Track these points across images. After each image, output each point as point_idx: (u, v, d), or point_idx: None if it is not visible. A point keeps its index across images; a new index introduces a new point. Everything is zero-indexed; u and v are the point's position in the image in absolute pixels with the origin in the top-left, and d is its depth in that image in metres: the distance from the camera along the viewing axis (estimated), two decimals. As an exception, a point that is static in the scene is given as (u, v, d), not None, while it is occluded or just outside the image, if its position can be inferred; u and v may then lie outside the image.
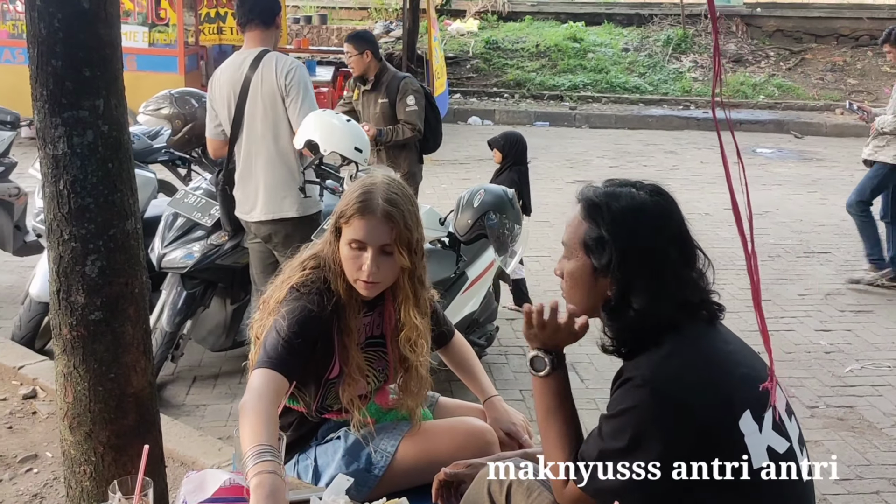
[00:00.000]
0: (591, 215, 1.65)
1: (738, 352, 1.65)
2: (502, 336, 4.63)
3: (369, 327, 2.18)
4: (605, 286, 1.64)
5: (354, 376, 2.06)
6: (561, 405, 1.73)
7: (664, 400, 1.50)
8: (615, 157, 10.42)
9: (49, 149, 1.60)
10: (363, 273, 1.99)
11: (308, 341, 1.94)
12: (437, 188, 8.22)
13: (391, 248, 1.99)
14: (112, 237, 1.66)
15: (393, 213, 1.98)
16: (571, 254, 1.68)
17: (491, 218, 3.71)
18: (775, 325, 5.10)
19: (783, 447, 1.57)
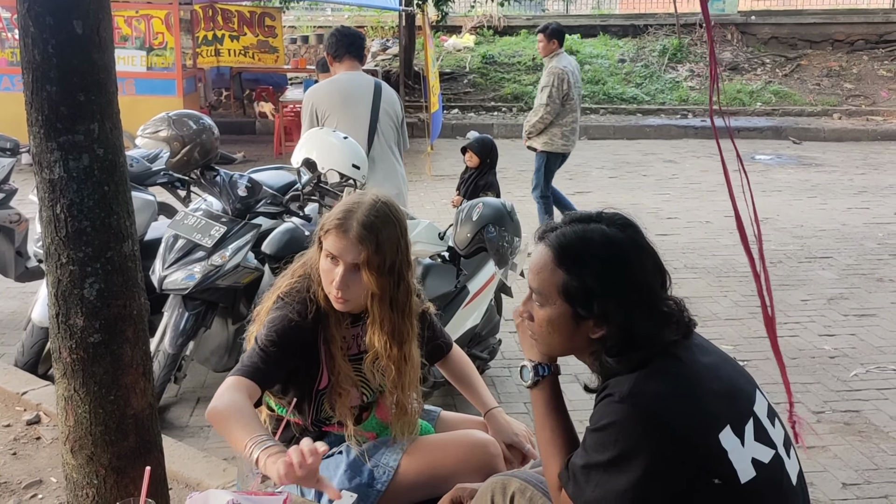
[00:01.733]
0: (567, 263, 1.59)
1: (717, 365, 1.64)
2: (505, 349, 4.63)
3: (360, 339, 2.18)
4: (586, 329, 1.60)
5: (344, 385, 2.07)
6: (549, 414, 1.73)
7: (643, 416, 1.49)
8: (614, 167, 10.44)
9: (45, 173, 1.61)
10: (333, 287, 2.01)
11: (285, 350, 1.96)
12: (436, 203, 8.24)
13: (360, 268, 2.00)
14: (109, 259, 1.66)
15: (365, 237, 1.97)
16: (546, 300, 1.62)
17: (490, 231, 3.71)
18: (779, 331, 5.05)
19: (768, 456, 1.56)
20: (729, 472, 1.49)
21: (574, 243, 1.61)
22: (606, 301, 1.56)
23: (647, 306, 1.59)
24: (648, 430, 1.48)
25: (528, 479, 1.79)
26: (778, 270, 6.32)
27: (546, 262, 1.62)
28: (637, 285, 1.59)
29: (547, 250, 1.63)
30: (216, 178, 4.03)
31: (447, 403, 3.92)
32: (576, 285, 1.58)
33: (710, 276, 6.12)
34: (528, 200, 8.13)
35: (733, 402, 1.57)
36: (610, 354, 1.58)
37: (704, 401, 1.54)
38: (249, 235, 3.94)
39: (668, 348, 1.58)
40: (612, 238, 1.62)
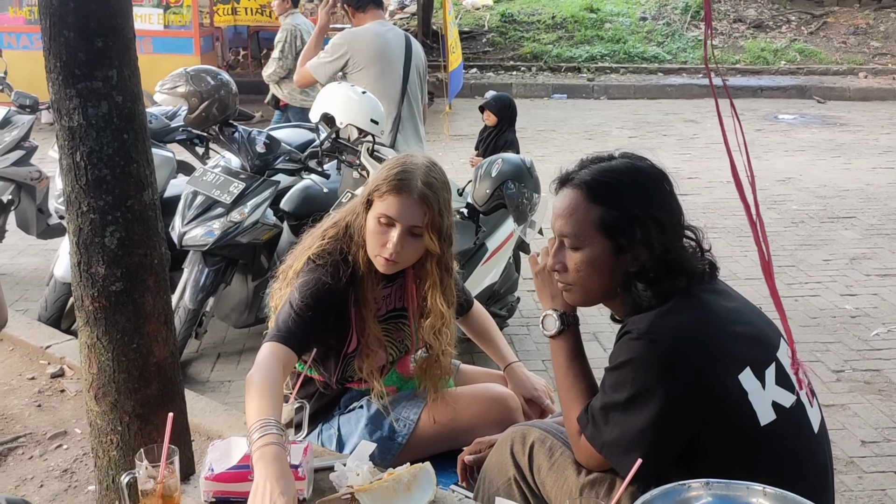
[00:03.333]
0: (602, 196, 1.60)
1: (740, 310, 1.63)
2: (523, 307, 4.62)
3: (389, 300, 2.18)
4: (625, 262, 1.61)
5: (372, 347, 2.06)
6: (572, 362, 1.73)
7: (660, 351, 1.49)
8: (634, 127, 10.33)
9: (65, 121, 1.60)
10: (386, 250, 1.98)
11: (320, 314, 1.95)
12: (454, 163, 8.19)
13: (420, 231, 1.98)
14: (130, 208, 1.66)
15: (429, 197, 1.96)
16: (583, 242, 1.61)
17: (510, 187, 3.69)
18: (800, 291, 5.05)
19: (790, 401, 1.55)
20: (748, 414, 1.49)
21: (603, 177, 1.62)
22: (648, 225, 1.56)
23: (677, 231, 1.60)
24: (665, 367, 1.48)
25: (548, 428, 1.80)
26: (800, 230, 6.26)
27: (578, 203, 1.61)
28: (669, 209, 1.60)
29: (575, 191, 1.62)
30: (234, 135, 4.02)
31: (465, 361, 3.93)
32: (616, 214, 1.58)
33: (731, 236, 6.07)
34: (546, 159, 8.09)
35: (755, 346, 1.56)
36: (643, 280, 1.57)
37: (724, 341, 1.53)
38: (268, 192, 3.94)
39: (690, 286, 1.57)
40: (636, 166, 1.64)
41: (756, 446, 1.49)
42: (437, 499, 1.72)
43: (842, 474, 3.07)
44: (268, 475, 1.52)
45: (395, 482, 1.69)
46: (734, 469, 1.41)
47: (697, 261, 1.62)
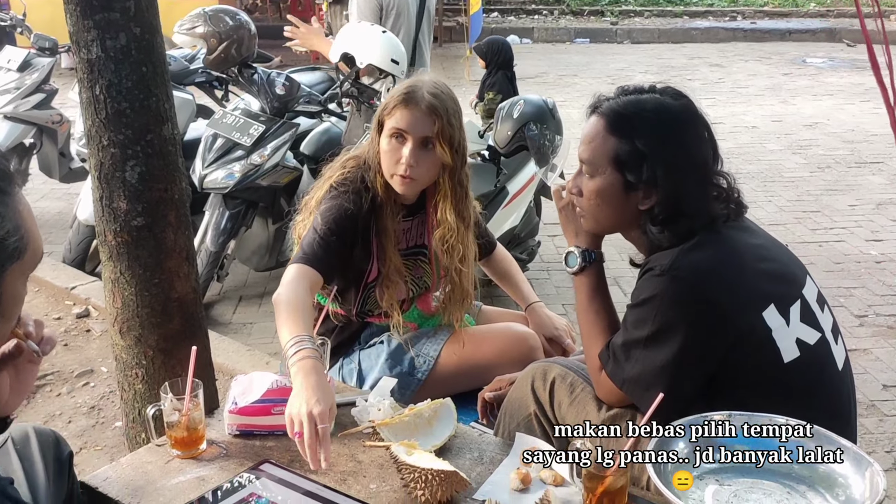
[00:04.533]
0: (619, 128, 1.58)
1: (766, 247, 1.61)
2: (544, 251, 4.61)
3: (411, 234, 2.17)
4: (636, 200, 1.59)
5: (392, 278, 2.07)
6: (594, 299, 1.72)
7: (682, 288, 1.47)
8: (658, 72, 10.14)
9: (83, 53, 1.59)
10: (400, 167, 1.98)
11: (343, 239, 1.96)
12: (475, 108, 8.10)
13: (432, 142, 1.98)
14: (150, 143, 1.65)
15: (437, 107, 1.97)
16: (597, 171, 1.60)
17: (531, 129, 3.64)
18: (825, 237, 4.99)
19: (814, 338, 1.54)
20: (772, 350, 1.47)
21: (627, 110, 1.59)
22: (655, 165, 1.53)
23: (698, 176, 1.56)
24: (688, 302, 1.47)
25: (569, 365, 1.80)
26: (826, 175, 6.16)
27: (598, 131, 1.60)
28: (688, 152, 1.56)
29: (599, 119, 1.60)
30: (254, 77, 3.98)
31: (486, 304, 3.93)
32: (626, 150, 1.55)
33: (755, 182, 5.98)
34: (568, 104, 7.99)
35: (780, 282, 1.54)
36: (655, 223, 1.56)
37: (748, 277, 1.51)
38: (288, 135, 3.92)
39: (714, 224, 1.55)
40: (665, 105, 1.60)
41: (779, 383, 1.49)
42: (458, 434, 1.73)
43: (863, 417, 3.06)
44: (306, 385, 1.55)
45: (415, 417, 1.70)
46: (756, 406, 1.40)
47: (719, 206, 1.59)
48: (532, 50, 11.75)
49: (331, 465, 1.54)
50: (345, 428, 1.74)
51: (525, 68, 10.34)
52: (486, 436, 1.78)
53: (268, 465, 1.61)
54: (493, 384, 2.04)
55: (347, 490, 1.52)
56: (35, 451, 1.48)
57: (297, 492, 1.52)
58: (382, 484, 1.55)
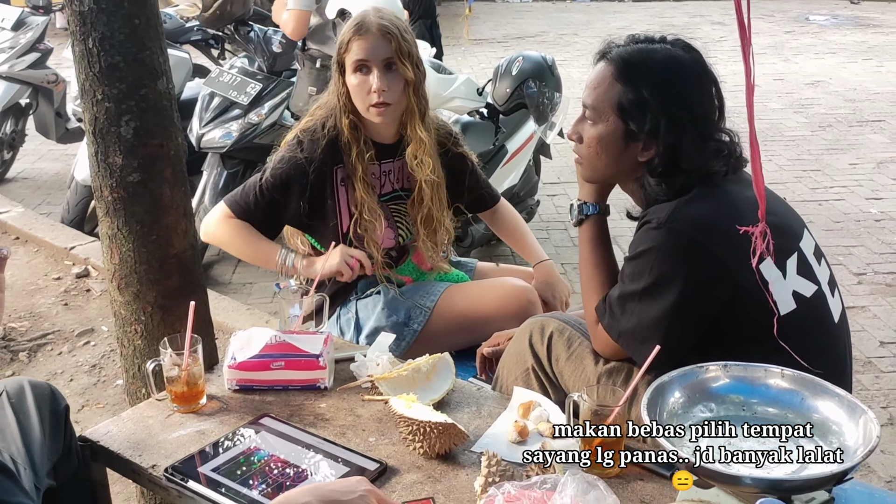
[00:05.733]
0: (626, 76, 1.56)
1: None
2: (543, 211, 4.60)
3: (392, 178, 2.18)
4: (635, 150, 1.58)
5: (367, 217, 2.08)
6: (593, 252, 1.72)
7: (679, 239, 1.47)
8: (660, 30, 9.92)
9: (75, 5, 1.56)
10: (373, 96, 2.02)
11: (284, 192, 2.08)
12: (474, 67, 8.04)
13: (394, 61, 2.03)
14: (144, 97, 1.64)
15: (388, 27, 2.03)
16: (599, 117, 1.59)
17: (530, 86, 3.61)
18: (824, 195, 4.98)
19: (810, 290, 1.54)
20: (768, 302, 1.48)
21: (635, 57, 1.58)
22: (659, 116, 1.52)
23: (700, 131, 1.55)
24: (683, 254, 1.47)
25: (566, 319, 1.80)
26: (827, 134, 6.13)
27: (604, 77, 1.59)
28: (692, 106, 1.55)
29: (607, 65, 1.59)
30: (250, 34, 3.95)
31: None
32: (631, 98, 1.54)
33: (756, 140, 5.95)
34: (568, 63, 7.91)
35: (777, 235, 1.53)
36: (653, 175, 1.55)
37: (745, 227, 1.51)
38: (285, 93, 3.90)
39: (712, 178, 1.54)
40: (675, 56, 1.59)
41: (778, 333, 1.49)
42: (456, 388, 1.74)
43: (859, 374, 3.08)
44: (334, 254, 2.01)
45: (414, 371, 1.71)
46: (753, 358, 1.41)
47: (718, 162, 1.57)
48: (532, 9, 11.62)
49: (329, 418, 1.55)
50: (343, 382, 1.75)
51: (524, 27, 10.24)
52: (483, 390, 1.79)
53: (267, 419, 1.62)
54: (492, 340, 2.04)
55: (347, 443, 1.54)
56: (30, 404, 1.49)
57: (297, 445, 1.53)
58: (381, 437, 1.56)
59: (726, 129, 1.62)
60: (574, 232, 4.65)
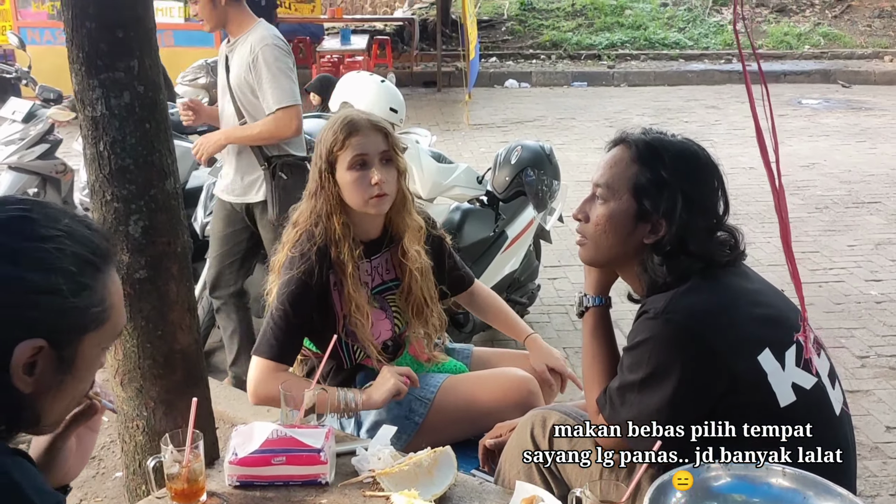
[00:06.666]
0: (645, 158, 1.63)
1: (762, 291, 1.64)
2: (544, 295, 4.62)
3: (381, 270, 2.21)
4: (642, 231, 1.62)
5: (356, 316, 2.09)
6: (593, 341, 1.74)
7: (676, 331, 1.49)
8: (655, 114, 10.25)
9: (88, 111, 1.63)
10: (375, 188, 2.05)
11: (300, 314, 2.06)
12: (475, 152, 8.18)
13: (390, 154, 2.10)
14: (153, 197, 1.69)
15: (377, 122, 2.11)
16: (612, 195, 1.64)
17: (529, 174, 3.69)
18: (824, 277, 5.00)
19: (810, 383, 1.55)
20: (767, 395, 1.48)
21: (654, 143, 1.65)
22: (675, 195, 1.57)
23: (709, 217, 1.60)
24: (681, 345, 1.49)
25: (568, 412, 1.81)
26: (824, 216, 6.19)
27: (622, 158, 1.65)
28: (704, 192, 1.61)
29: (624, 148, 1.66)
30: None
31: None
32: (648, 177, 1.60)
33: (754, 223, 6.01)
34: (566, 147, 8.06)
35: (775, 327, 1.56)
36: (658, 254, 1.58)
37: (742, 321, 1.53)
38: (289, 182, 3.96)
39: (711, 268, 1.57)
40: (690, 147, 1.67)
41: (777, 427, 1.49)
42: (458, 482, 1.73)
43: (866, 459, 3.05)
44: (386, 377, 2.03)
45: (416, 466, 1.70)
46: (753, 449, 1.41)
47: (721, 252, 1.62)
48: (530, 93, 11.88)
49: None
50: (345, 477, 1.74)
51: (523, 111, 10.46)
52: (486, 484, 1.78)
53: (268, 517, 1.61)
54: (494, 431, 2.04)
55: (348, 541, 1.52)
56: None
57: (298, 544, 1.51)
58: (383, 535, 1.55)
59: (731, 225, 1.67)
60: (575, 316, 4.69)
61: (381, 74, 5.48)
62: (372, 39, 11.98)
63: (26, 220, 1.03)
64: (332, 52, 10.97)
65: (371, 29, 13.63)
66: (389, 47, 12.45)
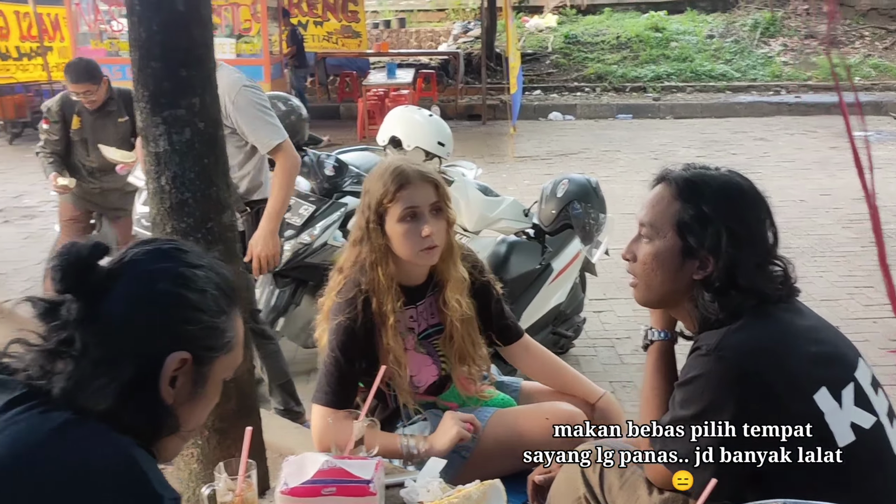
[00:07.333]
0: (686, 194, 1.61)
1: (816, 328, 1.60)
2: (590, 328, 4.59)
3: (425, 315, 2.22)
4: (691, 268, 1.61)
5: (392, 365, 2.09)
6: (653, 375, 1.73)
7: (728, 367, 1.47)
8: (702, 146, 10.19)
9: (151, 147, 1.68)
10: (427, 240, 2.05)
11: (353, 358, 2.08)
12: (519, 184, 8.21)
13: (440, 205, 2.09)
14: (210, 230, 1.73)
15: (427, 173, 2.09)
16: (656, 234, 1.64)
17: (576, 207, 3.69)
18: (879, 312, 4.89)
19: (869, 422, 1.51)
20: (825, 435, 1.46)
21: (695, 178, 1.63)
22: (720, 230, 1.56)
23: (757, 251, 1.58)
24: (734, 383, 1.47)
25: (620, 447, 1.78)
26: (877, 250, 6.07)
27: (664, 196, 1.64)
28: (751, 224, 1.59)
29: (666, 186, 1.65)
30: (304, 159, 4.12)
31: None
32: (691, 213, 1.59)
33: (805, 257, 5.92)
34: (611, 180, 8.04)
35: (831, 365, 1.53)
36: (709, 290, 1.57)
37: (797, 359, 1.51)
38: (337, 214, 4.03)
39: (764, 304, 1.55)
40: (734, 179, 1.65)
41: (834, 467, 1.46)
42: (507, 517, 1.72)
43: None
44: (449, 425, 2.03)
45: (465, 499, 1.70)
46: (810, 489, 1.38)
47: (773, 286, 1.60)
48: (575, 126, 11.91)
49: None
50: (394, 510, 1.75)
51: (568, 144, 10.49)
52: (535, 519, 1.77)
53: (318, 548, 1.62)
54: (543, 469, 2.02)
55: (397, 574, 1.52)
56: None
57: (348, 575, 1.52)
58: (432, 568, 1.55)
59: (781, 257, 1.65)
60: (622, 349, 4.64)
61: (425, 107, 5.57)
62: (417, 73, 12.15)
63: (182, 251, 1.20)
64: (378, 86, 11.14)
65: (416, 63, 13.83)
66: (434, 80, 12.61)
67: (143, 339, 1.11)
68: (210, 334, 1.17)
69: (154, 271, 1.15)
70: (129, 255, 1.16)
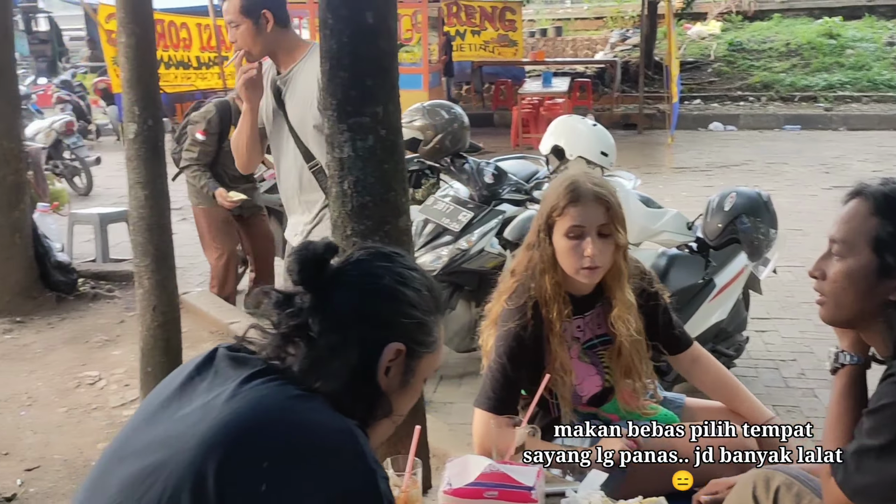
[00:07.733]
0: (885, 210, 1.53)
1: None
2: (752, 348, 4.39)
3: (592, 326, 2.19)
4: (887, 288, 1.52)
5: (558, 372, 2.08)
6: (839, 401, 1.64)
7: None
8: (878, 160, 9.52)
9: (336, 152, 1.77)
10: (586, 260, 2.03)
11: (517, 367, 2.07)
12: (676, 196, 7.97)
13: (608, 229, 2.04)
14: (387, 232, 1.80)
15: (603, 194, 2.04)
16: (850, 251, 1.55)
17: (744, 222, 3.55)
18: None
19: None
20: None
21: (894, 194, 1.54)
22: None
23: None
24: None
25: (795, 474, 1.71)
26: None
27: (858, 211, 1.56)
28: None
29: (862, 201, 1.57)
30: (465, 166, 4.19)
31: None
32: (890, 230, 1.50)
33: None
34: (777, 193, 7.66)
35: None
36: None
37: None
38: (494, 221, 4.07)
39: None
40: None
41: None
42: (671, 536, 1.68)
43: None
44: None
45: (627, 514, 1.68)
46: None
47: None
48: (737, 137, 11.45)
49: None
50: (555, 519, 1.74)
51: (729, 155, 10.09)
52: (700, 542, 1.71)
53: (480, 549, 1.64)
54: (710, 487, 1.96)
55: (559, 583, 1.52)
56: None
57: (510, 580, 1.53)
58: (594, 581, 1.53)
59: None
60: (786, 372, 4.41)
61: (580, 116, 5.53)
62: (573, 82, 12.08)
63: (399, 254, 1.33)
64: (533, 95, 11.16)
65: (572, 72, 13.75)
66: (590, 89, 12.48)
67: (368, 329, 1.23)
68: (422, 330, 1.28)
69: (378, 269, 1.28)
70: (355, 256, 1.30)
